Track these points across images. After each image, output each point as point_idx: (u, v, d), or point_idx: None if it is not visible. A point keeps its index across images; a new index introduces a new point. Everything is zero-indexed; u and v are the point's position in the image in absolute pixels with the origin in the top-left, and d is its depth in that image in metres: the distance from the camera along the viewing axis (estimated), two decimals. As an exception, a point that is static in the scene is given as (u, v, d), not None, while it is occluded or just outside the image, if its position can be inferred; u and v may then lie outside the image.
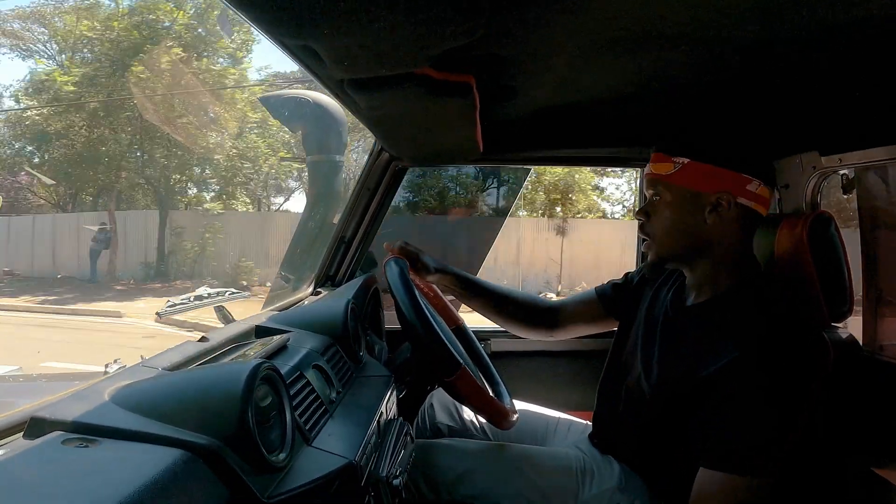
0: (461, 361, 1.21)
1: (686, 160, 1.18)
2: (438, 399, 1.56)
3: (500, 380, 1.52)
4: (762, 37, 0.89)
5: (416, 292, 1.24)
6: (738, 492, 1.05)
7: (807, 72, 1.05)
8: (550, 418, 1.58)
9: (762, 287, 1.20)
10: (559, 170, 13.17)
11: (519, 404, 1.55)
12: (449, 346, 1.21)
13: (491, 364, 1.57)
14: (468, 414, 1.55)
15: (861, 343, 1.51)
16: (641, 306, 1.38)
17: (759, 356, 1.07)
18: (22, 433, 0.71)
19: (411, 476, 1.23)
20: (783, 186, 1.64)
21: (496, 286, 1.62)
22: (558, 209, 14.23)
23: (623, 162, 1.96)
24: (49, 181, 13.29)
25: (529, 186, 13.61)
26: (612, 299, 1.53)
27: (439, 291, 1.61)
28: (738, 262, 1.21)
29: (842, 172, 1.53)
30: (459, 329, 1.61)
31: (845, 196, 1.56)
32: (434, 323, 1.22)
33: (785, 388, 1.05)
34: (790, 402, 1.06)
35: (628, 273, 1.54)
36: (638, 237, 1.32)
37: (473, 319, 1.79)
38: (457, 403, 1.56)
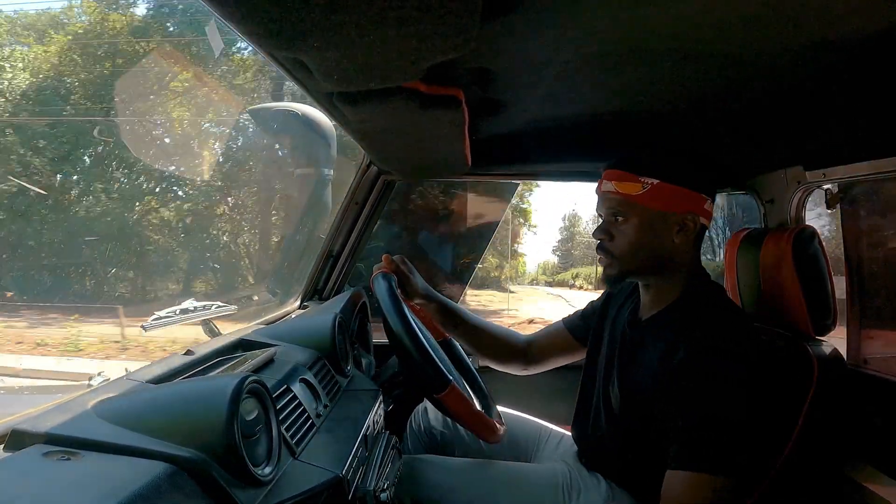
0: (451, 378, 1.21)
1: (655, 181, 1.19)
2: (430, 404, 1.56)
3: (487, 393, 1.52)
4: (748, 52, 0.90)
5: (405, 307, 1.24)
6: (701, 490, 1.05)
7: (791, 87, 1.06)
8: (542, 430, 1.59)
9: (708, 296, 1.23)
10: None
11: (510, 413, 1.55)
12: (438, 362, 1.20)
13: (479, 377, 1.57)
14: None
15: (845, 357, 1.52)
16: (606, 327, 1.41)
17: (708, 354, 1.08)
18: (2, 445, 0.70)
19: (397, 493, 1.22)
20: (768, 201, 1.66)
21: (476, 319, 1.63)
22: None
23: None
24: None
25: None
26: (580, 328, 1.56)
27: None
28: (690, 273, 1.25)
29: (826, 187, 1.55)
30: (446, 342, 1.61)
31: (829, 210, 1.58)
32: (423, 338, 1.21)
33: (733, 386, 1.07)
34: (741, 399, 1.07)
35: (593, 301, 1.57)
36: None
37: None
38: None
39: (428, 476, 1.32)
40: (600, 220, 1.28)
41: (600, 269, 1.31)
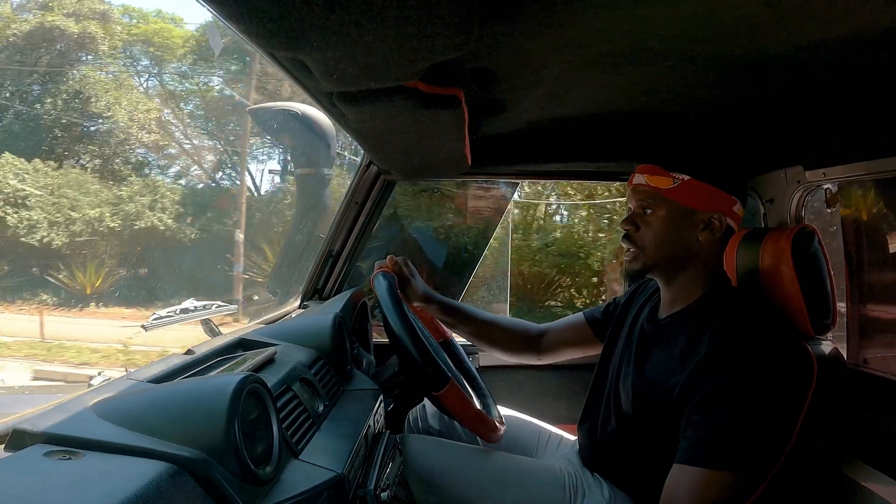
0: (450, 376, 1.21)
1: (686, 177, 1.20)
2: (430, 402, 1.56)
3: (487, 393, 1.52)
4: (748, 52, 0.90)
5: (404, 305, 1.24)
6: (707, 486, 1.05)
7: (791, 87, 1.06)
8: (542, 430, 1.58)
9: (731, 296, 1.24)
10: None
11: (510, 415, 1.55)
12: (437, 359, 1.21)
13: (479, 377, 1.57)
14: None
15: (846, 356, 1.52)
16: (624, 327, 1.41)
17: (727, 354, 1.10)
18: (3, 445, 0.70)
19: (403, 472, 1.23)
20: (768, 201, 1.65)
21: (482, 313, 1.63)
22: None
23: (611, 176, 1.98)
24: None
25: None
26: (600, 323, 1.55)
27: None
28: (712, 275, 1.26)
29: (825, 187, 1.55)
30: (447, 342, 1.61)
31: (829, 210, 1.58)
32: (422, 336, 1.21)
33: (753, 385, 1.08)
34: (759, 399, 1.08)
35: (616, 297, 1.56)
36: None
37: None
38: None
39: (435, 456, 1.32)
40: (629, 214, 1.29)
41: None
